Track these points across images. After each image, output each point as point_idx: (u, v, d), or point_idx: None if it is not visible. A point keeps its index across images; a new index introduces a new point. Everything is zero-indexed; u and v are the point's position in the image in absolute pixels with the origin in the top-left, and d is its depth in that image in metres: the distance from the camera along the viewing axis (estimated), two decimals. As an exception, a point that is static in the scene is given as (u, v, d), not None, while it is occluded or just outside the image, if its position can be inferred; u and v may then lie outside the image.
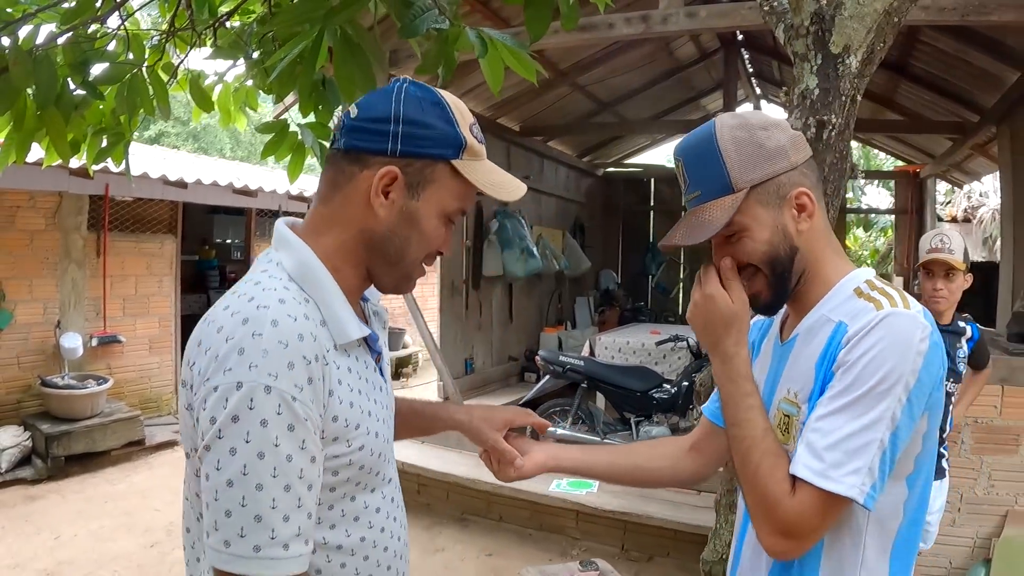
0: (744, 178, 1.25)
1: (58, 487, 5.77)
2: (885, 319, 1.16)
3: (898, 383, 1.13)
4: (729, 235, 1.29)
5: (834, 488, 1.13)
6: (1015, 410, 3.98)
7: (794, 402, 1.28)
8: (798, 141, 1.30)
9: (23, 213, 6.50)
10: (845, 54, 2.57)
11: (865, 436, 1.13)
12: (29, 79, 2.32)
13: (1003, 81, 6.17)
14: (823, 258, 1.31)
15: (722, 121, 1.30)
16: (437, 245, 1.26)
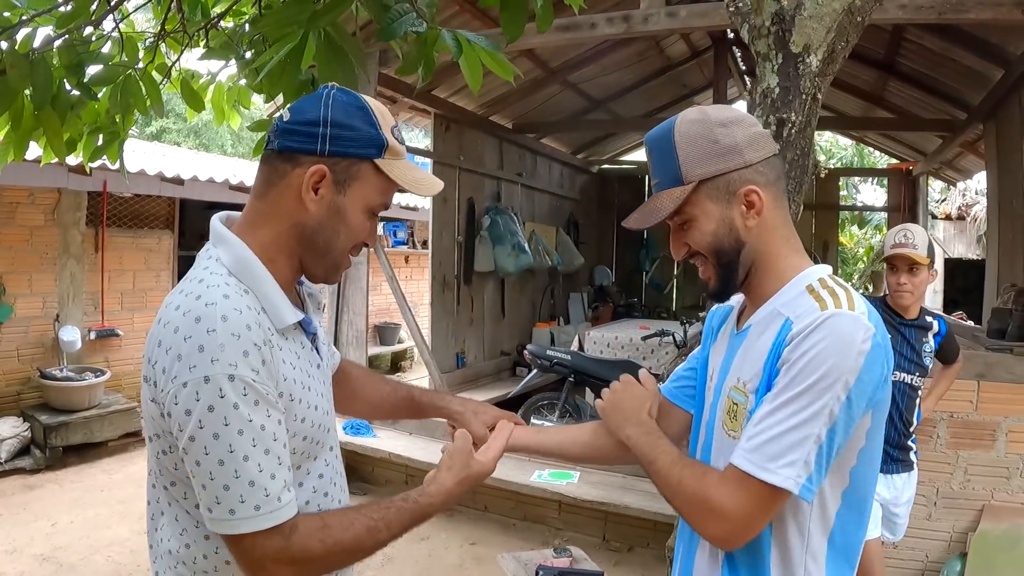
0: (693, 172, 1.32)
1: (56, 477, 5.89)
2: (828, 320, 1.20)
3: (837, 381, 1.18)
4: (681, 223, 1.37)
5: (770, 479, 1.19)
6: (991, 405, 4.00)
7: (742, 391, 1.33)
8: (758, 139, 1.34)
9: (23, 209, 6.61)
10: (805, 53, 2.65)
11: (802, 431, 1.18)
12: (26, 81, 2.42)
13: (988, 79, 6.24)
14: (776, 253, 1.36)
15: (684, 116, 1.36)
16: (363, 237, 1.38)
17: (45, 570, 4.24)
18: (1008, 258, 6.23)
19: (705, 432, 1.48)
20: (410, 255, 11.41)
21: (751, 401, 1.30)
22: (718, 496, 1.24)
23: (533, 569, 3.32)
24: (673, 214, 1.35)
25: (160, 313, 1.26)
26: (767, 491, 1.21)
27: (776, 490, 1.20)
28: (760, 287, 1.38)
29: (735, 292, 1.42)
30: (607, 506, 4.52)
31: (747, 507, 1.22)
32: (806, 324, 1.22)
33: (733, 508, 1.23)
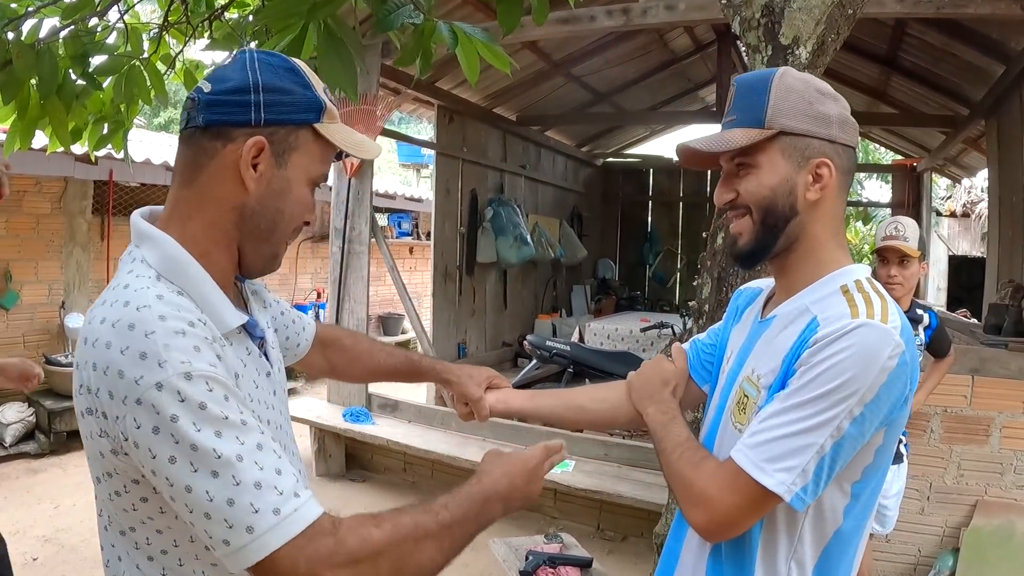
0: (779, 120, 1.25)
1: (59, 461, 5.98)
2: (857, 329, 1.14)
3: (853, 395, 1.12)
4: (739, 166, 1.30)
5: (763, 480, 1.15)
6: (985, 400, 3.97)
7: (755, 384, 1.28)
8: (848, 124, 1.29)
9: (29, 198, 6.68)
10: (794, 45, 2.68)
11: (805, 439, 1.13)
12: (32, 71, 2.48)
13: (990, 75, 6.22)
14: (823, 241, 1.30)
15: (788, 69, 1.30)
16: (306, 214, 1.23)
17: (47, 551, 4.31)
18: (1008, 255, 6.23)
19: (714, 415, 1.44)
20: (415, 246, 11.45)
21: (762, 396, 1.26)
22: (708, 484, 1.22)
23: (523, 554, 3.37)
24: (739, 153, 1.28)
25: (84, 332, 1.05)
26: (758, 491, 1.16)
27: (767, 492, 1.15)
28: (796, 272, 1.32)
29: (764, 260, 1.33)
30: (601, 495, 4.56)
31: (734, 501, 1.19)
32: (833, 329, 1.15)
33: (719, 499, 1.20)
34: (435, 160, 7.82)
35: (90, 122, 3.10)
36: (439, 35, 2.26)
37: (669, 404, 1.46)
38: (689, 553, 1.42)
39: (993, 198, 6.98)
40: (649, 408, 1.46)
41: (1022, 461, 3.93)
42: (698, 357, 1.61)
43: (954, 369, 3.78)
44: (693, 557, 1.40)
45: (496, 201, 8.45)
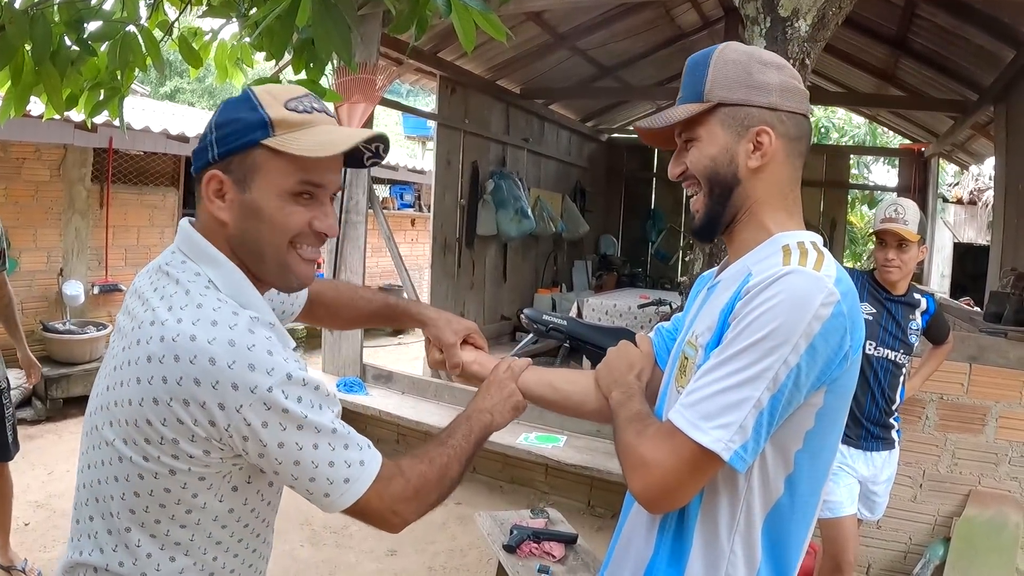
0: (716, 93, 1.28)
1: (55, 428, 6.01)
2: (786, 276, 1.14)
3: (785, 343, 1.10)
4: (687, 141, 1.33)
5: (699, 439, 1.12)
6: (982, 389, 3.95)
7: (694, 344, 1.29)
8: (793, 91, 1.29)
9: (29, 165, 6.67)
10: (794, 18, 2.65)
11: (740, 392, 1.12)
12: (25, 36, 2.44)
13: (1001, 59, 6.11)
14: (769, 207, 1.30)
15: (731, 44, 1.33)
16: (294, 227, 1.26)
17: (39, 516, 4.35)
18: (1012, 243, 6.17)
19: (663, 386, 1.45)
20: (416, 218, 11.43)
21: (700, 355, 1.25)
22: (646, 448, 1.20)
23: (508, 528, 3.38)
24: (682, 128, 1.33)
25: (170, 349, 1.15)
26: (695, 451, 1.13)
27: (706, 452, 1.12)
28: (743, 239, 1.32)
29: (718, 231, 1.35)
30: (592, 471, 4.58)
31: (671, 463, 1.16)
32: (763, 278, 1.15)
33: (656, 462, 1.17)
34: (436, 131, 7.77)
35: (86, 89, 3.07)
36: (433, 3, 2.24)
37: (631, 385, 1.44)
38: (633, 529, 1.40)
39: (999, 185, 6.91)
40: (613, 392, 1.45)
41: (1017, 452, 3.91)
42: (663, 343, 1.62)
43: (952, 356, 3.75)
44: (636, 533, 1.38)
45: (498, 174, 8.41)
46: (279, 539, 3.92)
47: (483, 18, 2.24)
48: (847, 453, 3.23)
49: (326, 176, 1.28)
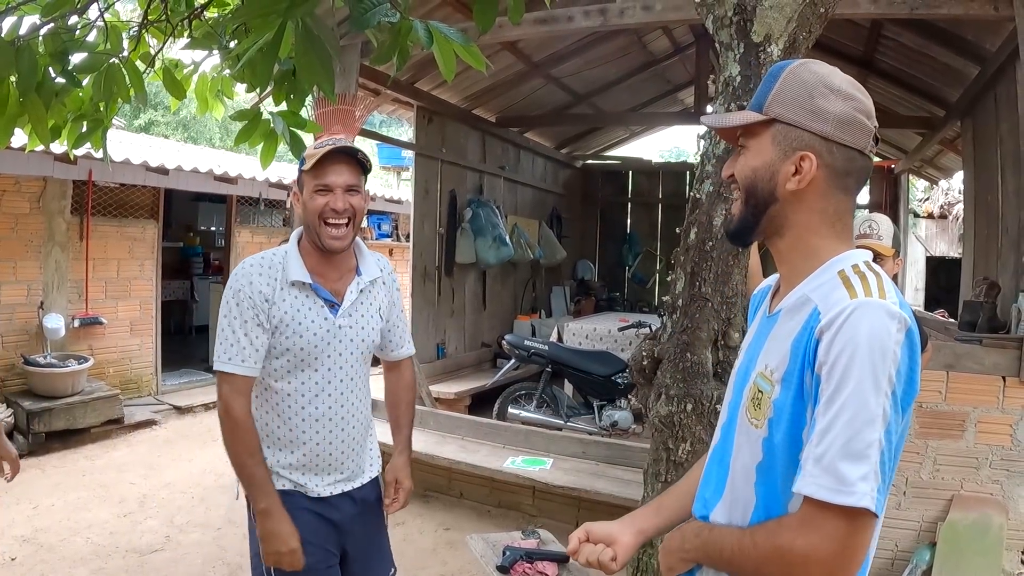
0: (775, 108, 1.29)
1: (38, 462, 5.95)
2: (857, 310, 1.14)
3: (881, 378, 1.10)
4: (740, 145, 1.36)
5: (849, 502, 1.09)
6: (960, 396, 4.00)
7: (769, 379, 1.26)
8: (854, 125, 1.27)
9: (8, 197, 6.66)
10: (766, 43, 2.72)
11: (862, 440, 1.10)
12: (11, 68, 2.47)
13: (965, 76, 6.24)
14: (815, 231, 1.30)
15: (810, 62, 1.32)
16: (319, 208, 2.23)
17: (25, 550, 4.31)
18: (983, 254, 6.28)
19: (727, 417, 1.43)
20: (394, 247, 11.46)
21: (777, 391, 1.24)
22: (801, 542, 1.14)
23: (500, 550, 3.39)
24: (739, 132, 1.35)
25: None
26: (851, 516, 1.10)
27: (859, 512, 1.09)
28: (789, 259, 1.34)
29: (749, 239, 1.40)
30: (579, 491, 4.60)
31: (841, 540, 1.11)
32: (834, 315, 1.15)
33: (828, 545, 1.12)
34: (414, 160, 7.84)
35: (69, 120, 3.10)
36: (415, 34, 2.29)
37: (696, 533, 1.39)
38: None
39: (969, 198, 7.05)
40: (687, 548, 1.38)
41: (997, 456, 3.96)
42: None
43: (930, 365, 3.79)
44: None
45: (475, 202, 8.48)
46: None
47: (463, 50, 2.30)
48: None
49: (330, 179, 2.25)
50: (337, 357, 2.33)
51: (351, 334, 2.35)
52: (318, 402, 2.31)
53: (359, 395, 2.42)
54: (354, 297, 2.35)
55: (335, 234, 2.23)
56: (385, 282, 2.49)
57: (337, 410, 2.34)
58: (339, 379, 2.34)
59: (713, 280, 2.82)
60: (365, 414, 2.46)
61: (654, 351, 3.09)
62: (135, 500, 5.17)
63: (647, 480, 3.05)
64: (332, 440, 2.35)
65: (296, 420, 2.31)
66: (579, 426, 6.30)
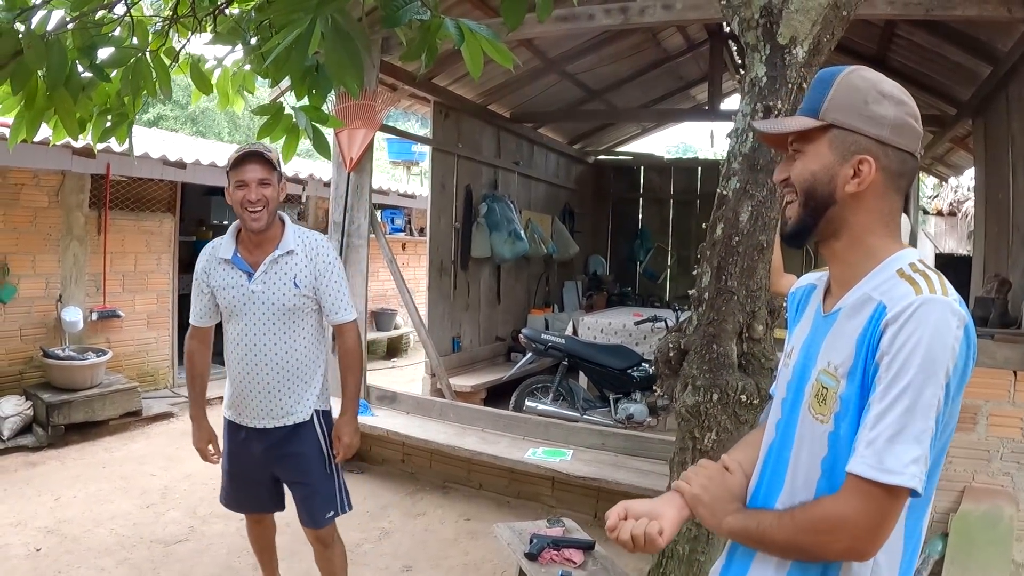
0: (831, 114, 1.34)
1: (58, 454, 5.99)
2: (923, 306, 1.20)
3: (939, 370, 1.18)
4: (795, 150, 1.39)
5: (896, 481, 1.17)
6: (972, 389, 3.84)
7: (833, 375, 1.31)
8: (907, 129, 1.33)
9: (27, 191, 6.70)
10: (792, 45, 2.77)
11: (916, 426, 1.17)
12: (41, 62, 2.51)
13: (977, 75, 6.31)
14: (872, 231, 1.36)
15: (860, 68, 1.36)
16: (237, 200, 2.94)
17: (50, 541, 4.35)
18: (994, 250, 6.33)
19: (784, 411, 1.47)
20: (407, 242, 11.50)
21: (842, 385, 1.30)
22: (841, 510, 1.23)
23: (527, 537, 3.45)
24: (794, 138, 1.39)
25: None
26: (891, 493, 1.19)
27: (902, 490, 1.19)
28: (845, 259, 1.39)
29: (806, 241, 1.44)
30: (599, 482, 4.64)
31: (876, 515, 1.20)
32: (901, 308, 1.21)
33: (853, 518, 1.21)
34: (431, 156, 7.87)
35: (95, 113, 3.14)
36: (445, 31, 2.32)
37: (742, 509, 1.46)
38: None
39: (979, 196, 7.10)
40: (729, 521, 1.43)
41: (1008, 448, 4.02)
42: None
43: None
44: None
45: (490, 197, 8.52)
46: (294, 558, 3.98)
47: (491, 47, 2.34)
48: None
49: (245, 176, 2.91)
50: (252, 315, 3.00)
51: (263, 297, 2.99)
52: (240, 348, 3.04)
53: (278, 349, 3.02)
54: (265, 267, 2.99)
55: (254, 217, 2.92)
56: (308, 255, 3.04)
57: (251, 357, 3.02)
58: (254, 332, 3.01)
59: (739, 274, 2.86)
60: (285, 367, 3.04)
61: (680, 343, 3.14)
62: (156, 492, 5.21)
63: (673, 469, 3.09)
64: (248, 381, 3.04)
65: (231, 361, 3.10)
66: (595, 419, 6.34)
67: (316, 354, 3.15)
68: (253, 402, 3.07)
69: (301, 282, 3.02)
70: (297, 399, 3.09)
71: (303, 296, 3.03)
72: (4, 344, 6.61)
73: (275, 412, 3.08)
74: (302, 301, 3.03)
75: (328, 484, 3.19)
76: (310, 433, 3.14)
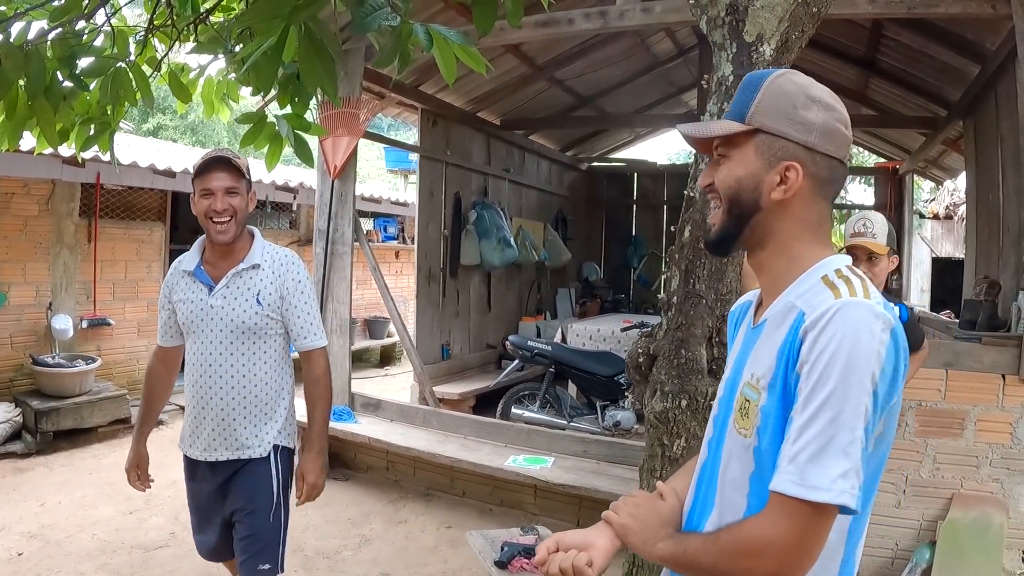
0: (758, 118, 1.29)
1: (46, 461, 6.02)
2: (843, 309, 1.14)
3: (864, 376, 1.11)
4: (720, 155, 1.34)
5: (822, 498, 1.09)
6: (959, 394, 3.99)
7: (756, 387, 1.26)
8: (835, 136, 1.30)
9: (17, 199, 6.75)
10: (758, 43, 2.75)
11: (844, 437, 1.10)
12: (20, 72, 2.53)
13: (967, 75, 6.24)
14: (798, 238, 1.31)
15: (790, 73, 1.32)
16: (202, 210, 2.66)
17: (32, 546, 4.37)
18: (985, 253, 6.26)
19: (714, 428, 1.42)
20: (400, 250, 11.53)
21: (763, 398, 1.24)
22: (764, 531, 1.15)
23: (499, 545, 3.44)
24: (718, 142, 1.35)
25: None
26: (817, 511, 1.11)
27: (825, 507, 1.10)
28: (771, 269, 1.35)
29: (730, 249, 1.40)
30: (580, 490, 4.63)
31: (802, 535, 1.12)
32: (819, 315, 1.16)
33: (777, 539, 1.13)
34: (419, 163, 7.89)
35: (77, 123, 3.16)
36: (415, 37, 2.33)
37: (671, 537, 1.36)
38: None
39: (971, 197, 7.04)
40: (660, 547, 1.34)
41: (997, 454, 3.96)
42: None
43: (928, 363, 3.79)
44: None
45: (480, 204, 8.53)
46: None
47: (463, 51, 2.34)
48: None
49: (211, 184, 2.65)
50: (209, 332, 2.72)
51: (222, 313, 2.71)
52: (196, 369, 2.76)
53: (235, 371, 2.73)
54: (227, 280, 2.73)
55: (220, 229, 2.65)
56: (275, 271, 2.76)
57: (206, 379, 2.74)
58: (210, 351, 2.73)
59: (707, 277, 2.85)
60: (243, 392, 2.74)
61: (649, 348, 3.13)
62: (141, 498, 5.18)
63: (642, 476, 3.08)
64: (202, 406, 2.76)
65: (187, 383, 2.81)
66: (582, 426, 6.33)
67: (280, 383, 2.83)
68: (206, 431, 2.75)
69: (264, 299, 2.72)
70: (254, 431, 2.76)
71: (265, 316, 2.72)
72: (-6, 351, 6.64)
73: (228, 443, 2.75)
74: (264, 321, 2.73)
75: (272, 532, 2.78)
76: (264, 472, 2.78)
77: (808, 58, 7.72)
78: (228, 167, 2.68)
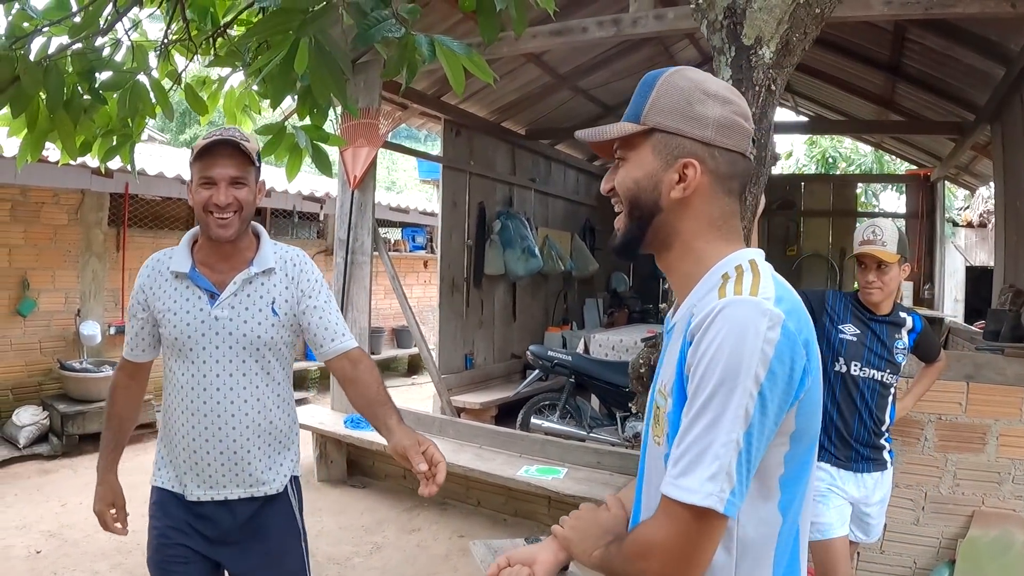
0: (652, 118, 1.27)
1: (71, 463, 6.15)
2: (724, 310, 1.12)
3: (744, 377, 1.08)
4: (619, 158, 1.32)
5: (692, 500, 1.09)
6: (981, 407, 3.87)
7: (663, 394, 1.26)
8: (734, 128, 1.27)
9: (47, 209, 6.91)
10: (757, 46, 2.71)
11: (719, 439, 1.08)
12: (39, 86, 2.60)
13: (992, 78, 6.05)
14: (701, 236, 1.28)
15: (683, 69, 1.31)
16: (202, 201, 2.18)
17: (51, 544, 4.47)
18: (1013, 261, 6.08)
19: (644, 439, 1.41)
20: (429, 260, 11.57)
21: (669, 404, 1.23)
22: (645, 534, 1.17)
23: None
24: (617, 145, 1.33)
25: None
26: (695, 513, 1.10)
27: (704, 511, 1.09)
28: (678, 270, 1.32)
29: (636, 252, 1.36)
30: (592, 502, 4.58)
31: (676, 538, 1.12)
32: (702, 317, 1.14)
33: (661, 541, 1.13)
34: (442, 173, 7.92)
35: (99, 135, 3.22)
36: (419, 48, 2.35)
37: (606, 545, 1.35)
38: None
39: (999, 204, 6.83)
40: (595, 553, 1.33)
41: (1020, 470, 3.84)
42: None
43: (948, 375, 3.70)
44: None
45: (504, 214, 8.53)
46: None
47: (469, 61, 2.35)
48: (836, 475, 3.19)
49: (213, 171, 2.16)
50: (214, 350, 2.22)
51: (230, 326, 2.22)
52: (192, 396, 2.22)
53: (248, 396, 2.27)
54: (236, 288, 2.24)
55: (220, 222, 2.16)
56: (289, 274, 2.33)
57: (213, 407, 2.23)
58: (216, 374, 2.23)
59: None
60: (258, 420, 2.29)
61: (651, 358, 3.11)
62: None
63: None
64: (204, 436, 2.24)
65: (175, 412, 2.28)
66: (602, 437, 6.29)
67: (293, 405, 2.47)
68: (210, 467, 2.28)
69: (280, 308, 2.30)
70: (270, 464, 2.36)
71: (282, 327, 2.31)
72: (24, 356, 6.79)
73: (240, 479, 2.30)
74: (280, 334, 2.31)
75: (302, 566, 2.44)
76: (286, 508, 2.41)
77: (832, 63, 7.62)
78: (235, 152, 2.19)
